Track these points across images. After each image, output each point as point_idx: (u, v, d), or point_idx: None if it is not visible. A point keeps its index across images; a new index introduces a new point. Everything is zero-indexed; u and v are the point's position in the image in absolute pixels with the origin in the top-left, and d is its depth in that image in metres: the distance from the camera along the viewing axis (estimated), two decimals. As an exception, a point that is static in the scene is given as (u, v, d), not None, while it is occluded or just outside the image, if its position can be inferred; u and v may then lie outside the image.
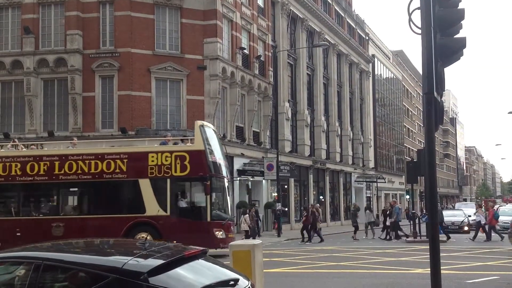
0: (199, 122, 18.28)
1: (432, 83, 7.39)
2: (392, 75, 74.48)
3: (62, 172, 17.73)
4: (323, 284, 11.70)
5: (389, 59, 74.96)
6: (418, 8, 7.64)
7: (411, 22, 7.84)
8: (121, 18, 28.70)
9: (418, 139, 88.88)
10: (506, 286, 11.12)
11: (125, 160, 17.54)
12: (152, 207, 17.24)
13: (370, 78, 62.49)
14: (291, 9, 41.31)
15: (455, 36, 7.77)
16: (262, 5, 36.96)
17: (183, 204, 17.66)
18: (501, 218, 38.84)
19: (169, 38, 29.53)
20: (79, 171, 17.67)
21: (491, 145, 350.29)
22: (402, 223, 28.74)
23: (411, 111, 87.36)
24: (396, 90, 76.40)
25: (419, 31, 7.60)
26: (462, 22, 7.79)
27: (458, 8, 7.74)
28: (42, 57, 28.75)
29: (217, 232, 16.99)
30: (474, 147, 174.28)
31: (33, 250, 5.12)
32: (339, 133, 51.56)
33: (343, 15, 54.76)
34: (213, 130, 19.77)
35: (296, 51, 42.73)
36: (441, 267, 8.24)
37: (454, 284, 11.10)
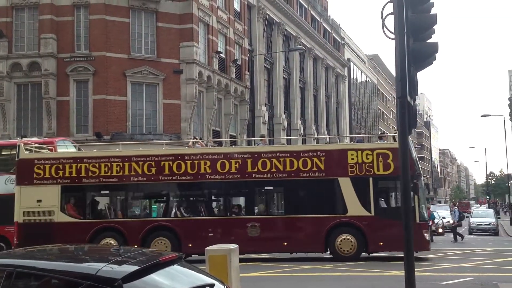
0: None
1: (406, 87, 7.50)
2: (368, 79, 75.20)
3: (255, 170, 16.80)
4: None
5: (365, 63, 75.69)
6: (391, 14, 7.74)
7: (384, 27, 7.94)
8: (96, 21, 28.47)
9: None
10: (480, 287, 11.28)
11: (322, 158, 16.66)
12: (354, 207, 16.37)
13: (346, 82, 63.00)
14: (267, 13, 41.46)
15: (428, 41, 7.90)
16: (238, 9, 37.03)
17: (387, 204, 17.10)
18: (473, 220, 39.67)
19: (145, 42, 29.39)
20: (274, 169, 16.73)
21: (465, 148, 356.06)
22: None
23: (386, 115, 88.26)
24: (372, 93, 77.16)
25: (393, 36, 7.70)
26: (434, 27, 7.93)
27: (431, 13, 7.88)
28: (15, 61, 28.36)
29: (425, 234, 16.44)
30: (448, 149, 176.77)
31: (5, 257, 5.04)
32: (316, 136, 51.84)
33: (319, 19, 55.14)
34: None
35: (272, 55, 42.87)
36: (416, 269, 8.34)
37: (428, 286, 11.22)
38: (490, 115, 53.80)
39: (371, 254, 17.02)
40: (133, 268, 4.50)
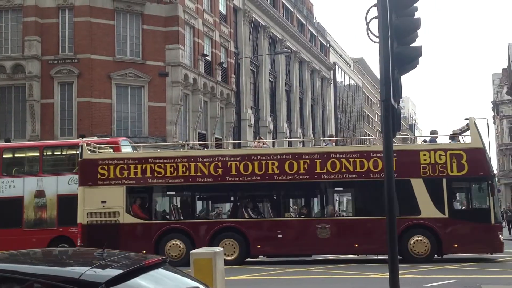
0: (472, 118, 16.89)
1: (390, 90, 7.55)
2: (353, 82, 75.59)
3: (325, 170, 16.51)
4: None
5: (350, 66, 76.08)
6: (375, 17, 7.80)
7: (369, 31, 7.99)
8: (81, 24, 28.31)
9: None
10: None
11: (394, 159, 16.55)
12: (427, 209, 16.14)
13: (332, 85, 63.26)
14: (253, 17, 41.52)
15: (412, 45, 7.96)
16: (224, 12, 37.04)
17: (461, 205, 16.87)
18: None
19: (130, 45, 29.28)
20: (343, 170, 16.46)
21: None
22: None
23: (372, 118, 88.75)
24: (357, 97, 77.56)
25: (377, 39, 7.75)
26: (418, 31, 7.99)
27: (414, 17, 7.95)
28: (-2, 63, 28.11)
29: (500, 236, 16.33)
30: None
31: (-13, 261, 4.98)
32: (301, 140, 51.96)
33: (304, 22, 55.34)
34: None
35: (258, 58, 42.94)
36: (400, 271, 8.39)
37: None
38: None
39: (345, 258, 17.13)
40: (117, 272, 4.47)
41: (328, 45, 63.58)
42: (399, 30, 7.72)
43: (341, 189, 17.72)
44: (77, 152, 18.64)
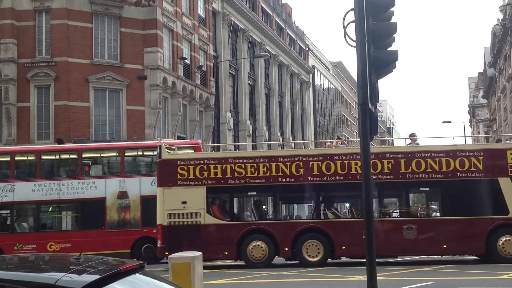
0: None
1: (367, 94, 7.62)
2: (332, 85, 76.03)
3: (409, 170, 16.25)
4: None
5: (329, 70, 76.52)
6: (352, 22, 7.87)
7: (346, 35, 8.07)
8: (58, 26, 28.04)
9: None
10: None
11: (480, 158, 16.19)
12: None
13: (311, 89, 63.54)
14: (232, 20, 41.53)
15: (388, 49, 8.05)
16: (203, 15, 36.99)
17: None
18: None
19: (108, 47, 29.07)
20: (429, 169, 16.20)
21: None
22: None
23: (350, 121, 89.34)
24: (336, 100, 78.02)
25: (354, 44, 7.82)
26: (394, 35, 8.09)
27: (391, 22, 8.03)
28: (-27, 66, 27.68)
29: None
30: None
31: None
32: (281, 143, 52.06)
33: (283, 26, 55.53)
34: None
35: (237, 62, 42.95)
36: (378, 274, 8.44)
37: (391, 290, 11.37)
38: (450, 122, 55.16)
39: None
40: (93, 277, 4.42)
41: (307, 49, 63.88)
42: (376, 35, 7.80)
43: (427, 188, 17.30)
44: (154, 153, 19.12)
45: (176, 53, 32.18)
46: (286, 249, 16.37)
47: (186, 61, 33.30)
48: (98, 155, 21.45)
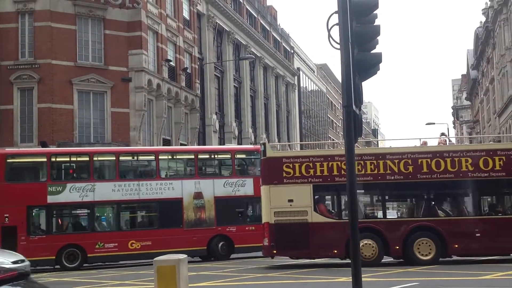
0: None
1: (351, 96, 7.66)
2: (317, 87, 76.30)
3: None
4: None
5: (314, 72, 76.79)
6: (336, 24, 7.90)
7: (330, 38, 8.10)
8: (41, 29, 27.83)
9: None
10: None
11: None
12: None
13: (296, 91, 63.72)
14: (217, 22, 41.51)
15: (372, 51, 8.09)
16: (188, 18, 36.92)
17: None
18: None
19: (92, 50, 28.91)
20: None
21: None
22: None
23: (336, 123, 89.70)
24: (321, 102, 78.29)
25: (338, 46, 7.86)
26: (378, 38, 8.13)
27: (374, 24, 8.08)
28: (-45, 68, 27.36)
29: None
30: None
31: None
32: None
33: (268, 29, 55.63)
34: None
35: (223, 64, 42.93)
36: (364, 275, 8.47)
37: (376, 291, 11.41)
38: (434, 123, 55.47)
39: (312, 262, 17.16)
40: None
41: (292, 51, 64.05)
42: (360, 37, 7.84)
43: None
44: (227, 156, 22.44)
45: (161, 55, 32.08)
46: (397, 247, 16.11)
47: (171, 63, 33.21)
48: (175, 157, 23.05)
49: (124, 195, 20.42)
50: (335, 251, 16.42)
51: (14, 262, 9.08)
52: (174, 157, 22.87)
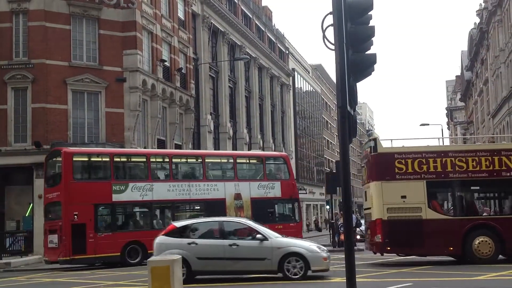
0: None
1: (346, 97, 7.68)
2: (312, 88, 76.35)
3: None
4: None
5: (309, 73, 76.83)
6: (331, 25, 7.92)
7: (325, 39, 8.11)
8: (36, 28, 27.72)
9: (337, 151, 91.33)
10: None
11: None
12: None
13: (291, 91, 63.74)
14: (211, 22, 41.48)
15: (367, 52, 8.11)
16: (182, 18, 36.87)
17: None
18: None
19: (87, 50, 28.82)
20: None
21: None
22: (323, 232, 29.32)
23: (330, 124, 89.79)
24: (316, 103, 78.34)
25: (333, 47, 7.87)
26: (373, 39, 8.15)
27: (369, 25, 8.10)
28: (-51, 68, 27.22)
29: None
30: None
31: None
32: (261, 145, 52.10)
33: (263, 29, 55.62)
34: None
35: (217, 64, 42.90)
36: (357, 275, 8.49)
37: (370, 291, 11.42)
38: (428, 124, 55.52)
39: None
40: None
41: (287, 52, 64.07)
42: (354, 38, 7.86)
43: None
44: (259, 161, 25.00)
45: (155, 55, 32.02)
46: None
47: (165, 63, 33.15)
48: (218, 160, 25.27)
49: (177, 195, 21.91)
50: (451, 249, 16.23)
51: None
52: (217, 160, 25.07)
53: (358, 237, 31.32)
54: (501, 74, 40.24)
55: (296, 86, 66.35)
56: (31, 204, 27.14)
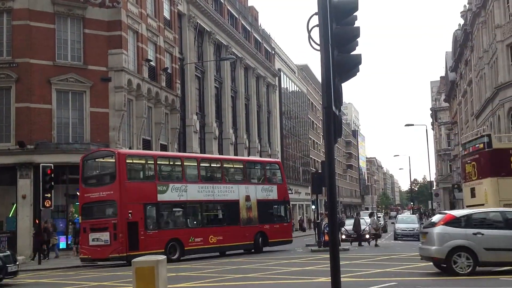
0: None
1: (331, 97, 7.70)
2: (298, 88, 76.50)
3: None
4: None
5: (295, 73, 76.98)
6: (317, 26, 7.94)
7: (310, 39, 8.13)
8: (19, 27, 27.46)
9: (322, 151, 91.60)
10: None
11: None
12: None
13: (277, 92, 63.80)
14: (198, 22, 41.39)
15: (352, 53, 8.14)
16: (168, 17, 36.74)
17: None
18: (398, 226, 40.87)
19: (71, 49, 28.62)
20: None
21: (390, 156, 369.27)
22: (307, 232, 29.45)
23: (316, 124, 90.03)
24: (302, 103, 78.52)
25: (318, 47, 7.89)
26: (358, 39, 8.18)
27: (354, 26, 8.13)
28: None
29: None
30: (375, 158, 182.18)
31: None
32: (247, 145, 52.11)
33: (249, 29, 55.62)
34: None
35: (203, 64, 42.81)
36: (343, 275, 8.51)
37: (355, 291, 11.47)
38: (413, 125, 55.94)
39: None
40: None
41: (273, 52, 64.13)
42: (340, 39, 7.89)
43: None
44: (261, 167, 27.86)
45: (141, 55, 31.87)
46: None
47: (151, 63, 33.01)
48: (232, 165, 27.24)
49: (205, 196, 23.65)
50: None
51: None
52: (231, 165, 27.14)
53: (343, 236, 31.49)
54: (485, 75, 40.58)
55: (282, 86, 66.44)
56: (15, 205, 26.88)
